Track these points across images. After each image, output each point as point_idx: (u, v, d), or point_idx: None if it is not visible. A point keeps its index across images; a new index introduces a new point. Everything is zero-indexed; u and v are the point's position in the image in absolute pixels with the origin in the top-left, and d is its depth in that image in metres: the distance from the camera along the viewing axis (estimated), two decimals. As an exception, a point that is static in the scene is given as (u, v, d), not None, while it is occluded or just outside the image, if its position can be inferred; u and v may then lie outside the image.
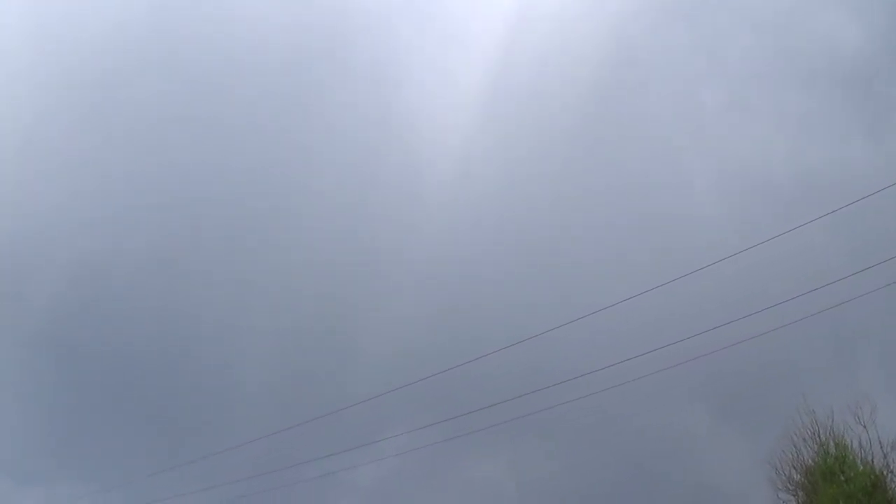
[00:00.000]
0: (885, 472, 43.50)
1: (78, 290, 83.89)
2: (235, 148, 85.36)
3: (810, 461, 46.06)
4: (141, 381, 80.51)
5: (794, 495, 46.67)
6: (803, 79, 79.03)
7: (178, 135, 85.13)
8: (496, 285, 76.51)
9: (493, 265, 77.89)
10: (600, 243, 74.85)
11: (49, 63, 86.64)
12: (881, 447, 44.24)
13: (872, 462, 43.92)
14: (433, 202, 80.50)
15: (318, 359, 77.75)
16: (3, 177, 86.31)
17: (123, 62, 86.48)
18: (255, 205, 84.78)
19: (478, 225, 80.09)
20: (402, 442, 58.79)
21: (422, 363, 60.54)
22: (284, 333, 79.80)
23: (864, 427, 44.60)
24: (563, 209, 78.46)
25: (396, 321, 75.02)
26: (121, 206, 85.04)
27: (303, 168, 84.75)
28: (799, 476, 46.52)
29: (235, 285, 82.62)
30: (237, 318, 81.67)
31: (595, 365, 46.93)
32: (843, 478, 43.18)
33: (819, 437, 45.99)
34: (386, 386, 57.06)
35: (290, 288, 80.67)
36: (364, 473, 67.57)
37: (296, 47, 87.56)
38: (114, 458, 78.10)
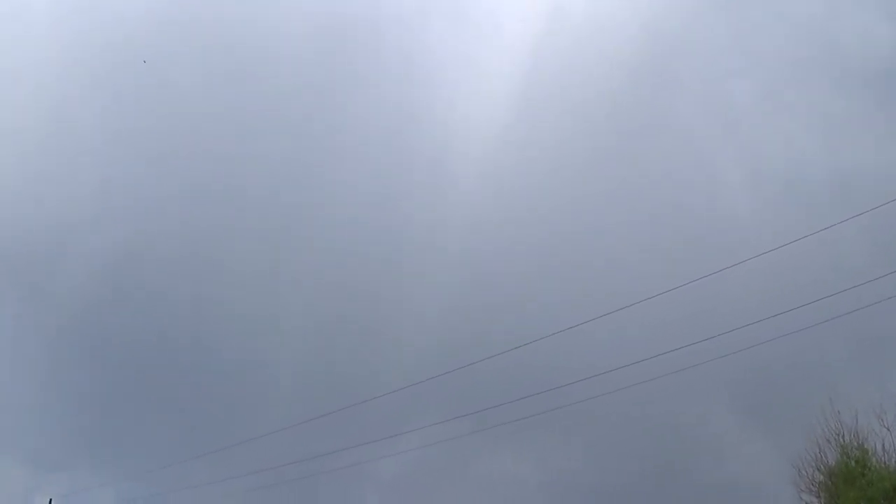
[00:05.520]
0: (907, 476, 43.20)
1: (105, 279, 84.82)
2: (267, 138, 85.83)
3: (833, 462, 45.80)
4: (167, 371, 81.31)
5: (816, 497, 46.40)
6: (837, 77, 78.45)
7: (209, 124, 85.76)
8: (524, 280, 76.62)
9: (521, 260, 78.03)
10: (629, 239, 74.75)
11: (80, 48, 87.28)
12: (904, 450, 43.99)
13: (896, 465, 43.68)
14: (463, 196, 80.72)
15: (345, 351, 78.20)
16: (31, 163, 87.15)
17: (155, 49, 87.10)
18: (285, 196, 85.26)
19: (507, 219, 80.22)
20: (427, 434, 59.12)
21: (448, 357, 60.80)
22: (312, 325, 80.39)
23: (888, 430, 44.30)
24: (593, 204, 78.42)
25: (424, 314, 75.36)
26: (150, 195, 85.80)
27: (334, 160, 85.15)
28: (822, 477, 46.27)
29: (264, 276, 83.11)
30: (265, 308, 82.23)
31: (621, 361, 47.08)
32: (864, 481, 42.85)
33: (843, 438, 45.72)
34: (412, 378, 57.52)
35: (318, 279, 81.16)
36: (389, 465, 67.99)
37: (329, 39, 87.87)
38: (139, 447, 78.92)
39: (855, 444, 45.18)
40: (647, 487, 62.99)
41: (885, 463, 44.00)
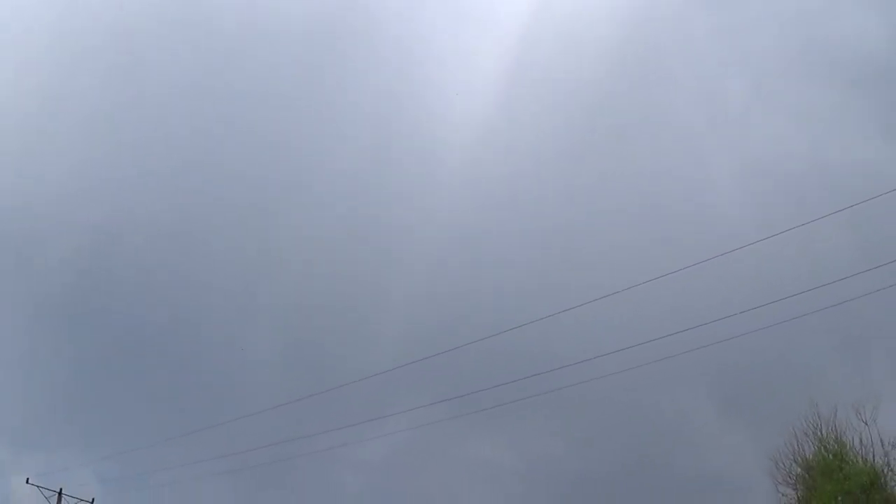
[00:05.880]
0: (885, 471, 43.40)
1: (89, 257, 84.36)
2: (255, 119, 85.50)
3: (810, 455, 46.03)
4: (149, 351, 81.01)
5: (794, 489, 46.66)
6: (826, 74, 78.64)
7: (196, 103, 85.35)
8: (507, 267, 76.76)
9: (504, 248, 78.20)
10: (614, 229, 74.90)
11: (68, 24, 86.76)
12: (882, 445, 44.16)
13: (873, 460, 43.83)
14: (447, 183, 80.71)
15: (328, 334, 78.25)
16: (12, 141, 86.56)
17: (144, 25, 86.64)
18: (269, 178, 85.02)
19: (490, 207, 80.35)
20: (409, 418, 59.20)
21: (430, 341, 60.80)
22: (296, 308, 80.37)
23: (866, 424, 44.50)
24: (578, 194, 78.52)
25: (407, 299, 75.45)
26: (135, 173, 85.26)
27: (319, 144, 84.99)
28: (799, 470, 46.51)
29: (247, 258, 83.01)
30: (249, 290, 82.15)
31: (603, 349, 47.07)
32: (841, 475, 43.06)
33: (820, 432, 45.96)
34: (394, 363, 57.46)
35: (302, 263, 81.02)
36: (369, 449, 68.00)
37: (321, 22, 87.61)
38: (118, 427, 78.57)
39: (833, 437, 45.43)
40: (626, 473, 63.37)
41: (863, 457, 44.21)
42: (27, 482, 64.58)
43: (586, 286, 57.28)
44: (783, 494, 47.23)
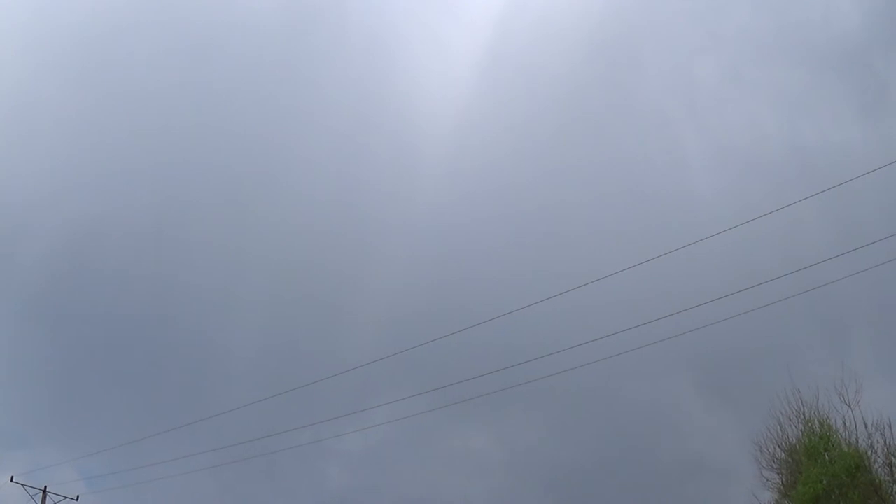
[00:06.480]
0: (868, 453, 43.43)
1: (68, 255, 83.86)
2: (230, 113, 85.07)
3: (794, 440, 46.03)
4: (129, 348, 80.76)
5: (778, 473, 46.69)
6: (800, 56, 78.93)
7: (172, 99, 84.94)
8: (486, 257, 76.74)
9: (483, 237, 78.16)
10: (591, 217, 74.98)
11: (43, 21, 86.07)
12: (866, 427, 44.09)
13: (857, 442, 43.88)
14: (425, 173, 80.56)
15: (308, 327, 78.07)
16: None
17: (119, 23, 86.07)
18: (247, 172, 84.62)
19: (469, 197, 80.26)
20: (391, 411, 59.04)
21: (411, 332, 60.72)
22: (275, 301, 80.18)
23: (849, 407, 44.47)
24: (555, 182, 78.49)
25: (387, 291, 75.31)
26: (113, 169, 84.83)
27: (296, 137, 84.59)
28: (783, 454, 46.54)
29: (227, 253, 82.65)
30: (228, 285, 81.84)
31: (583, 338, 46.93)
32: (827, 458, 43.06)
33: (804, 415, 45.96)
34: (375, 355, 57.32)
35: (280, 256, 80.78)
36: (352, 442, 67.95)
37: (293, 12, 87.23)
38: (101, 424, 78.39)
39: (817, 420, 45.43)
40: (610, 462, 63.50)
41: (847, 440, 44.25)
42: (11, 480, 64.30)
43: (565, 274, 57.25)
44: (767, 479, 47.33)
